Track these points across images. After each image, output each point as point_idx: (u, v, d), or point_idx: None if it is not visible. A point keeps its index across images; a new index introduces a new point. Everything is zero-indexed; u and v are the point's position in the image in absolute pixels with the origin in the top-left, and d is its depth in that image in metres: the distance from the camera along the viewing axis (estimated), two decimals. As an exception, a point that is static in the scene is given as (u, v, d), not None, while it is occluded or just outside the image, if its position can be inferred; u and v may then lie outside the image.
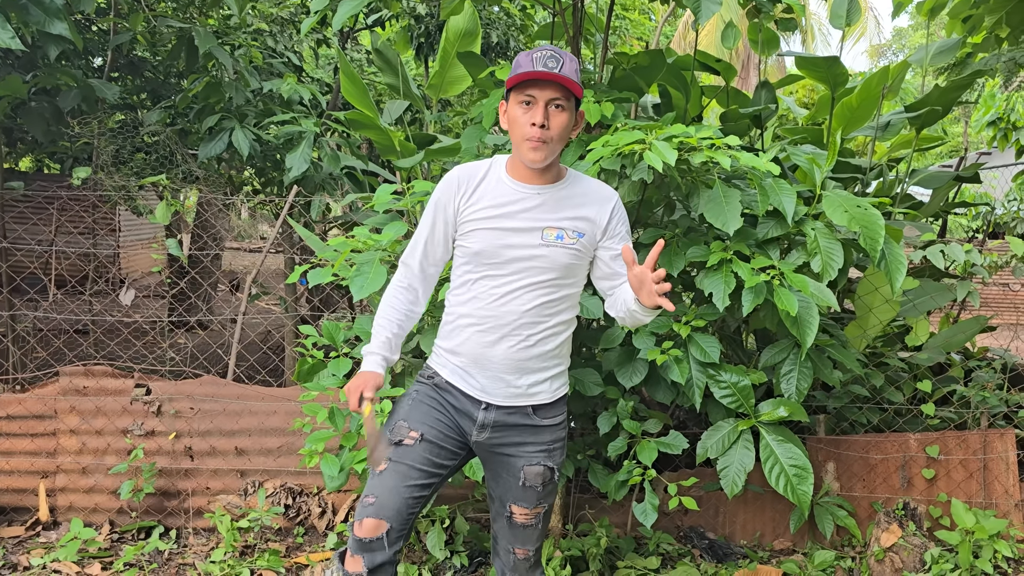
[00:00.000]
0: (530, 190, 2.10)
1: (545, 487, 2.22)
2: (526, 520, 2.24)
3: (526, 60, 2.00)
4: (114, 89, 4.63)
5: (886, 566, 3.40)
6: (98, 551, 3.50)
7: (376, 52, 5.60)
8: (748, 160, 2.82)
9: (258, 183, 6.03)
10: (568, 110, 2.03)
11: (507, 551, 2.31)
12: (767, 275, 2.92)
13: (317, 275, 3.05)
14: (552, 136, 2.01)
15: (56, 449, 3.77)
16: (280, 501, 3.74)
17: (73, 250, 4.12)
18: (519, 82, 1.99)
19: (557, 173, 2.14)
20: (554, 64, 1.97)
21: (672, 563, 3.52)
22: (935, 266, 4.21)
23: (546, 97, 1.99)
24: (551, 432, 2.22)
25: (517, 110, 2.02)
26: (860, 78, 4.50)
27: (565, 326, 2.20)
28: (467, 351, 2.15)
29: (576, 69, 2.02)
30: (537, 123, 1.98)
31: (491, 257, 2.09)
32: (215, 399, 3.80)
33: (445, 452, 2.16)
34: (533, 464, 2.19)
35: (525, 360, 2.13)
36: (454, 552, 3.41)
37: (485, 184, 2.12)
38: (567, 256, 2.10)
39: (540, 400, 2.19)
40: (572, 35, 3.89)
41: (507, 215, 2.08)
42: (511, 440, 2.19)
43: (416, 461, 2.12)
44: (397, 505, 2.08)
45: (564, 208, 2.11)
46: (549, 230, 2.08)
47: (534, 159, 2.02)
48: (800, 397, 3.13)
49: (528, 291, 2.10)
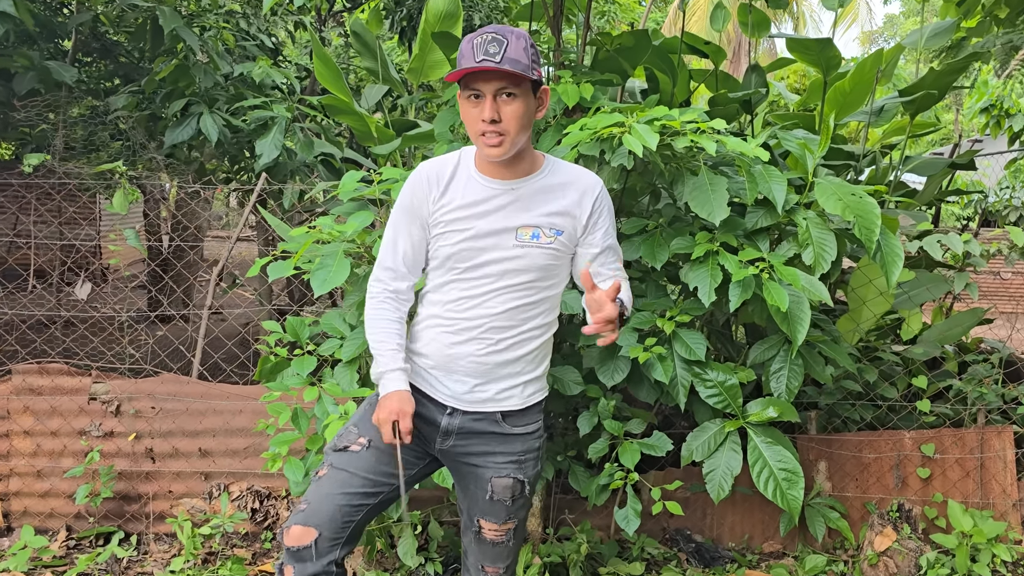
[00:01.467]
0: (502, 186, 1.92)
1: (515, 501, 2.04)
2: (496, 537, 2.07)
3: (467, 49, 1.79)
4: (72, 72, 4.41)
5: (880, 571, 3.25)
6: (52, 559, 3.32)
7: (354, 35, 5.40)
8: (735, 145, 2.64)
9: (229, 171, 5.82)
10: (521, 95, 1.82)
11: (477, 568, 2.15)
12: (756, 268, 2.75)
13: (277, 268, 2.87)
14: (508, 128, 1.81)
15: (9, 451, 3.58)
16: (247, 505, 3.57)
17: (24, 241, 3.91)
18: (460, 78, 1.81)
19: (531, 163, 1.95)
20: (496, 49, 1.75)
21: (657, 568, 3.37)
22: (929, 256, 4.06)
23: (492, 89, 1.80)
24: (522, 441, 2.04)
25: (467, 106, 1.84)
26: (853, 63, 4.33)
27: (542, 330, 2.02)
28: (432, 352, 1.99)
29: (524, 47, 1.79)
30: (486, 119, 1.79)
31: (462, 261, 1.92)
32: (177, 398, 3.61)
33: (394, 460, 1.96)
34: (502, 476, 2.01)
35: (493, 365, 1.96)
36: (428, 559, 3.25)
37: (455, 182, 1.94)
38: (544, 257, 1.93)
39: (510, 406, 2.01)
40: (552, 15, 3.71)
41: (478, 215, 1.90)
42: (478, 449, 2.02)
43: (359, 468, 1.95)
44: (330, 512, 1.91)
45: (540, 203, 1.93)
46: (524, 229, 1.90)
47: (493, 154, 1.84)
48: (790, 396, 2.97)
49: (501, 294, 1.92)
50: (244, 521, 3.50)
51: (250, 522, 3.54)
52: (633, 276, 3.19)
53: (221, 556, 3.38)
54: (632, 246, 2.99)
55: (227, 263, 4.09)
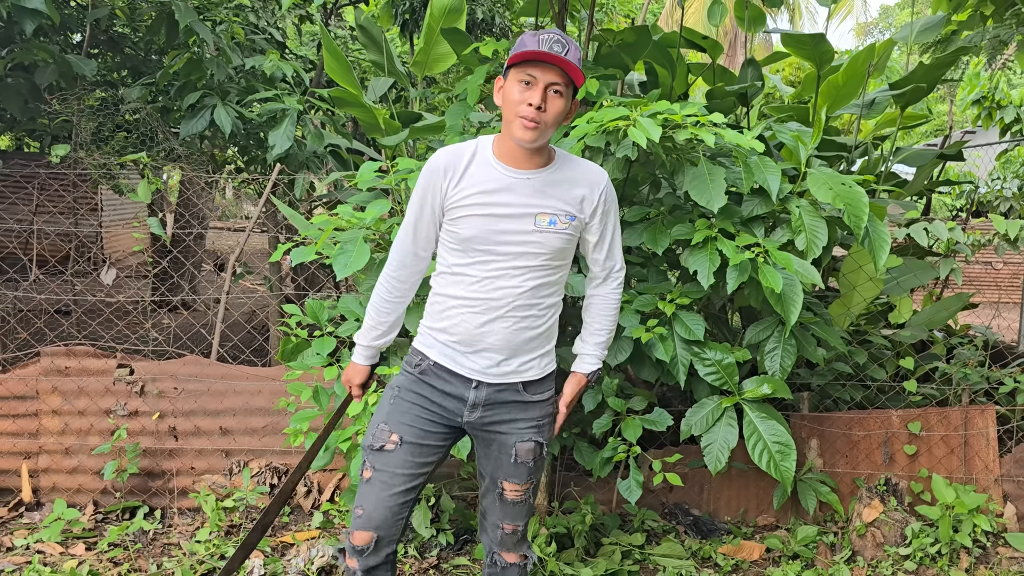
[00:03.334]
0: (520, 175, 2.07)
1: (536, 462, 2.24)
2: (516, 496, 2.26)
3: (532, 40, 1.97)
4: (92, 65, 4.55)
5: (867, 541, 3.43)
6: (82, 532, 3.48)
7: (360, 29, 5.53)
8: (732, 137, 2.81)
9: (241, 161, 5.96)
10: (565, 97, 2.00)
11: (495, 527, 2.33)
12: (752, 253, 2.92)
13: (300, 254, 3.03)
14: (547, 120, 1.98)
15: (38, 430, 3.74)
16: (265, 480, 3.74)
17: (54, 229, 4.06)
18: (521, 60, 1.97)
19: (547, 156, 2.12)
20: (560, 49, 1.95)
21: (657, 539, 3.55)
22: (918, 244, 4.23)
23: (547, 80, 1.96)
24: (540, 408, 2.23)
25: (515, 88, 1.99)
26: (846, 56, 4.48)
27: (556, 307, 2.22)
28: (460, 332, 2.14)
29: (579, 58, 1.99)
30: (535, 104, 1.95)
31: (483, 243, 2.07)
32: (199, 379, 3.77)
33: (428, 449, 2.18)
34: (525, 440, 2.20)
35: (519, 342, 2.14)
36: (440, 530, 3.42)
37: (473, 168, 2.08)
38: (560, 240, 2.10)
39: (530, 377, 2.19)
40: (557, 11, 3.86)
41: (498, 202, 2.05)
42: (503, 417, 2.19)
43: (398, 467, 2.16)
44: (384, 516, 2.17)
45: (555, 192, 2.09)
46: (542, 216, 2.07)
47: (524, 138, 1.99)
48: (784, 374, 3.14)
49: (521, 275, 2.09)
50: (264, 496, 3.67)
51: (269, 497, 3.71)
52: (635, 261, 3.36)
53: (243, 529, 3.55)
54: (634, 233, 3.17)
55: (229, 252, 4.24)
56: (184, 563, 3.19)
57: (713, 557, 3.41)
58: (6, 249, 4.51)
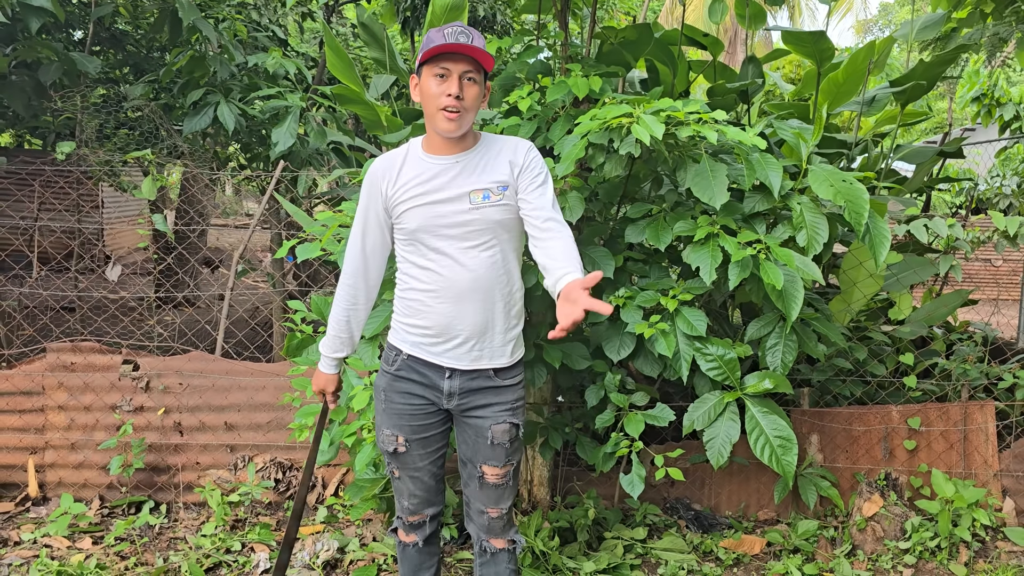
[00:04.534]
0: (448, 160, 2.18)
1: (512, 444, 2.31)
2: (497, 480, 2.33)
3: (438, 35, 2.07)
4: (95, 62, 4.57)
5: (867, 535, 3.46)
6: (88, 526, 3.51)
7: (362, 26, 5.55)
8: (734, 134, 2.83)
9: (244, 159, 5.98)
10: (479, 83, 2.13)
11: (480, 512, 2.39)
12: (753, 249, 2.94)
13: (305, 250, 3.05)
14: (466, 106, 2.11)
15: (44, 425, 3.77)
16: (270, 475, 3.77)
17: (58, 226, 4.08)
18: (433, 55, 2.07)
19: (472, 139, 2.23)
20: (465, 39, 2.06)
21: (659, 533, 3.58)
22: (918, 241, 4.25)
23: (460, 70, 2.08)
24: (512, 392, 2.31)
25: (431, 83, 2.10)
26: (846, 54, 4.50)
27: (516, 284, 2.28)
28: (432, 322, 2.22)
29: (484, 46, 2.11)
30: (452, 94, 2.07)
31: (428, 231, 2.17)
32: (204, 375, 3.80)
33: (434, 438, 2.33)
34: (500, 423, 2.28)
35: (489, 322, 2.21)
36: (444, 524, 3.45)
37: (406, 166, 2.22)
38: (498, 212, 2.17)
39: (500, 363, 2.27)
40: (560, 9, 3.87)
41: (432, 189, 2.16)
42: (478, 403, 2.28)
43: (416, 461, 2.34)
44: (427, 496, 2.41)
45: (484, 168, 2.19)
46: (475, 193, 2.16)
47: (449, 128, 2.11)
48: (785, 370, 3.17)
49: (473, 254, 2.17)
50: (268, 490, 3.69)
51: (273, 491, 3.74)
52: (637, 258, 3.39)
53: (248, 523, 3.58)
54: (637, 229, 3.19)
55: (231, 249, 4.26)
56: (190, 557, 3.22)
57: (714, 551, 3.44)
58: (11, 246, 4.52)
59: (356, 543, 3.39)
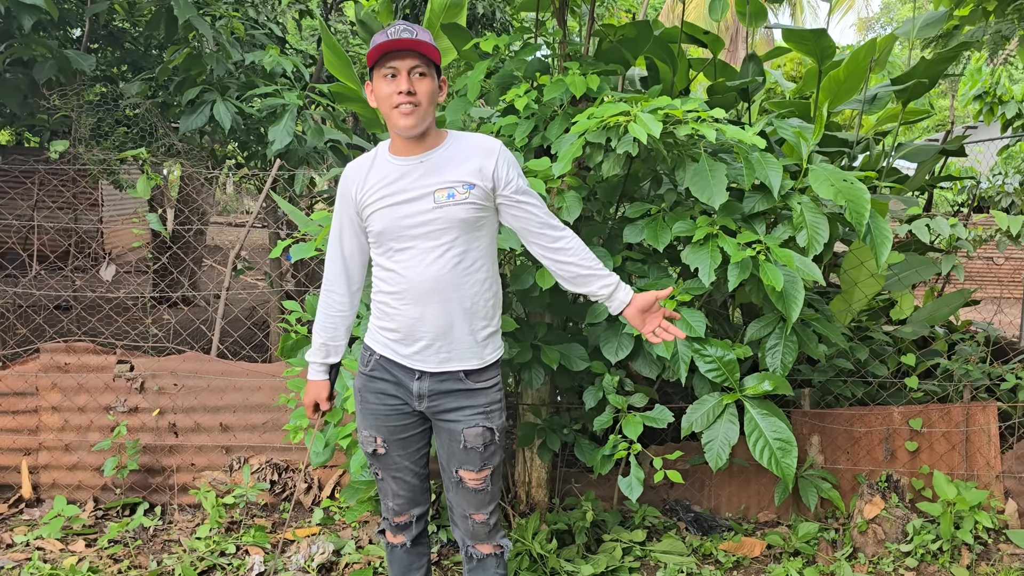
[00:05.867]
0: (412, 161, 2.16)
1: (487, 448, 2.27)
2: (476, 484, 2.29)
3: (381, 36, 2.07)
4: (90, 60, 4.53)
5: (869, 537, 3.43)
6: (82, 528, 3.48)
7: (360, 24, 5.51)
8: (734, 133, 2.79)
9: (241, 157, 5.95)
10: (430, 76, 2.10)
11: (464, 517, 2.36)
12: (753, 250, 2.91)
13: (300, 250, 3.02)
14: (420, 101, 2.08)
15: (38, 426, 3.74)
16: (266, 477, 3.74)
17: (53, 225, 4.05)
18: (379, 56, 2.06)
19: (436, 138, 2.20)
20: (409, 35, 2.05)
21: (658, 536, 3.55)
22: (920, 240, 4.22)
23: (408, 66, 2.06)
24: (485, 395, 2.27)
25: (382, 84, 2.09)
26: (848, 51, 4.46)
27: (486, 284, 2.23)
28: (398, 325, 2.21)
29: (430, 39, 2.09)
30: (403, 90, 2.05)
31: (393, 232, 2.15)
32: (199, 375, 3.77)
33: (413, 439, 2.33)
34: (472, 426, 2.24)
35: (454, 324, 2.18)
36: (440, 526, 3.42)
37: (374, 170, 2.21)
38: (463, 211, 2.14)
39: (471, 365, 2.23)
40: (558, 6, 3.84)
41: (397, 190, 2.15)
42: (449, 406, 2.25)
43: (398, 463, 2.34)
44: (412, 496, 2.41)
45: (449, 167, 2.16)
46: (439, 191, 2.13)
47: (406, 125, 2.08)
48: (785, 371, 3.13)
49: (437, 255, 2.14)
50: (264, 492, 3.66)
51: (269, 493, 3.71)
52: (636, 258, 3.35)
53: (243, 525, 3.55)
54: (635, 229, 3.16)
55: (232, 247, 4.23)
56: (184, 560, 3.19)
57: (714, 554, 3.41)
58: (5, 245, 4.50)
59: (352, 545, 3.36)
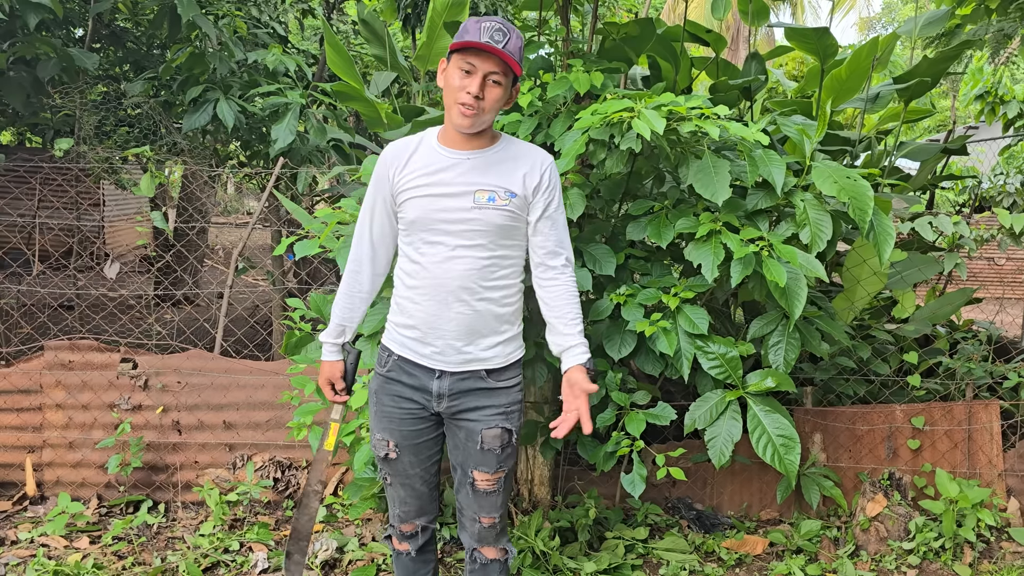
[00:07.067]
0: (460, 155, 2.13)
1: (504, 450, 2.23)
2: (488, 487, 2.26)
3: (474, 28, 2.02)
4: (94, 59, 4.54)
5: (871, 535, 3.43)
6: (86, 525, 3.49)
7: (362, 23, 5.52)
8: (737, 130, 2.80)
9: (243, 156, 5.97)
10: (504, 85, 2.07)
11: (472, 520, 2.33)
12: (756, 246, 2.91)
13: (304, 247, 3.03)
14: (484, 107, 2.05)
15: (42, 424, 3.74)
16: (269, 474, 3.74)
17: (56, 223, 4.06)
18: (462, 48, 2.02)
19: (490, 138, 2.17)
20: (500, 38, 2.00)
21: (660, 533, 3.55)
22: (923, 238, 4.22)
23: (486, 69, 2.02)
24: (506, 395, 2.23)
25: (455, 75, 2.05)
26: (850, 50, 4.46)
27: (513, 292, 2.21)
28: (418, 321, 2.17)
29: (520, 47, 2.06)
30: (472, 92, 2.02)
31: (426, 224, 2.12)
32: (203, 373, 3.78)
33: (426, 445, 2.28)
34: (491, 427, 2.20)
35: (476, 326, 2.15)
36: (443, 524, 3.42)
37: (417, 154, 2.16)
38: (500, 217, 2.11)
39: (493, 364, 2.21)
40: (561, 5, 3.84)
41: (438, 181, 2.11)
42: (469, 405, 2.21)
43: (408, 469, 2.28)
44: (420, 504, 2.36)
45: (495, 171, 2.13)
46: (481, 192, 2.10)
47: (462, 124, 2.06)
48: (787, 368, 3.14)
49: (468, 255, 2.11)
50: (267, 489, 3.67)
51: (272, 491, 3.72)
52: (639, 255, 3.36)
53: (247, 523, 3.55)
54: (638, 226, 3.16)
55: (241, 246, 4.24)
56: (188, 557, 3.20)
57: (716, 551, 3.42)
58: (9, 243, 4.51)
59: (355, 543, 3.37)
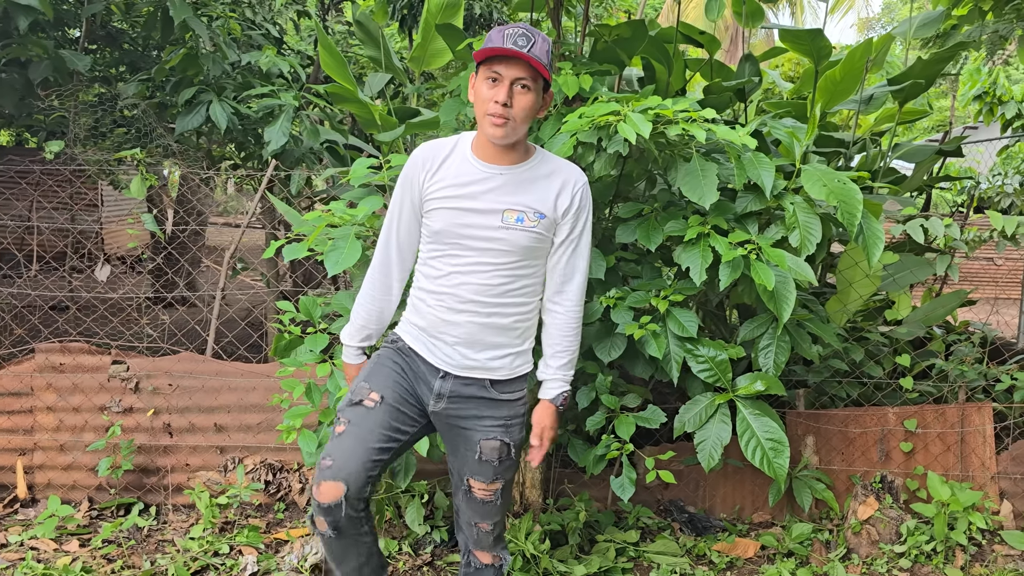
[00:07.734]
0: (493, 170, 2.08)
1: (502, 462, 2.21)
2: (484, 495, 2.24)
3: (497, 36, 1.97)
4: (86, 60, 4.54)
5: (863, 538, 3.43)
6: (76, 528, 3.48)
7: (357, 24, 5.52)
8: (724, 134, 2.79)
9: (237, 158, 5.96)
10: (534, 91, 2.00)
11: (469, 525, 2.32)
12: (744, 249, 2.91)
13: (293, 250, 3.02)
14: (515, 115, 1.99)
15: (33, 426, 3.74)
16: (260, 477, 3.73)
17: (49, 225, 4.06)
18: (487, 57, 1.97)
19: (524, 152, 2.11)
20: (524, 43, 1.94)
21: (651, 536, 3.55)
22: (916, 240, 4.21)
23: (512, 76, 1.97)
24: (509, 407, 2.21)
25: (483, 85, 2.00)
26: (846, 51, 4.46)
27: (526, 308, 2.18)
28: (427, 324, 2.16)
29: (548, 51, 2.00)
30: (500, 101, 1.96)
31: (450, 237, 2.08)
32: (194, 375, 3.77)
33: (405, 417, 2.17)
34: (490, 438, 2.18)
35: (484, 337, 2.13)
36: (434, 527, 3.42)
37: (449, 162, 2.11)
38: (527, 239, 2.08)
39: (498, 375, 2.18)
40: (553, 6, 3.84)
41: (468, 195, 2.06)
42: (468, 412, 2.19)
43: (376, 424, 2.11)
44: (355, 468, 2.06)
45: (527, 190, 2.08)
46: (510, 212, 2.06)
47: (494, 135, 2.00)
48: (777, 371, 3.13)
49: (487, 271, 2.08)
50: (258, 492, 3.66)
51: (263, 493, 3.71)
52: (629, 258, 3.35)
53: (237, 526, 3.55)
54: (628, 229, 3.16)
55: (234, 248, 4.24)
56: (178, 560, 3.19)
57: (708, 554, 3.41)
58: (1, 245, 4.51)
59: (345, 546, 3.35)
